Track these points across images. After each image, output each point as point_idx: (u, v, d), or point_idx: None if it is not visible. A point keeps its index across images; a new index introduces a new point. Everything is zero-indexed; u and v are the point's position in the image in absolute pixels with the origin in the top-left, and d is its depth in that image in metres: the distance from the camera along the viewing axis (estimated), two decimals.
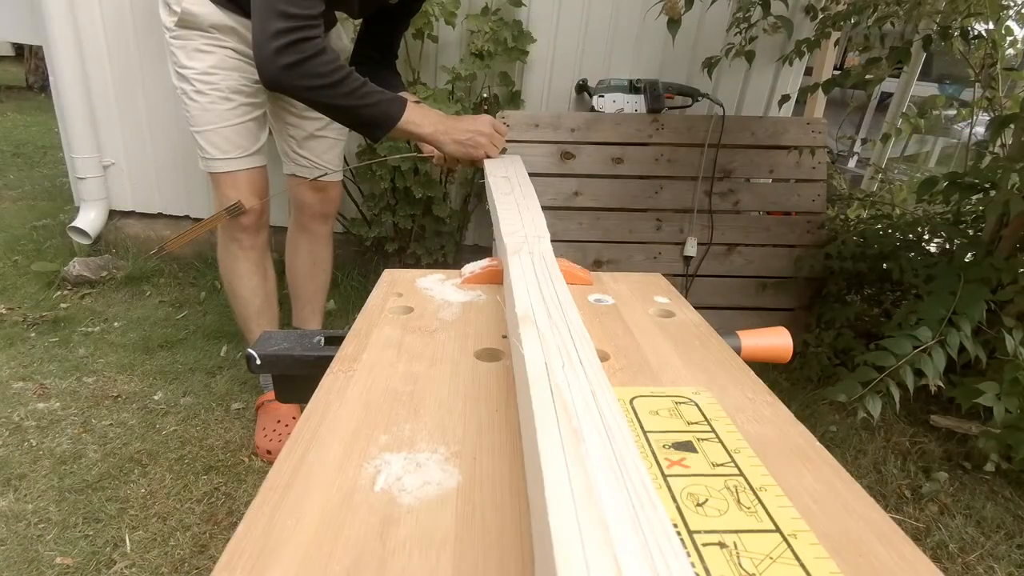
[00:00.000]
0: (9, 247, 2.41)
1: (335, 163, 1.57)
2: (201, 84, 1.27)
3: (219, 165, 1.34)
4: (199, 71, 1.27)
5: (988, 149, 1.73)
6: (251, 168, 1.37)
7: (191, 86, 1.28)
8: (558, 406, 0.33)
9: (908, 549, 0.32)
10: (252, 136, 1.36)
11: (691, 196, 2.02)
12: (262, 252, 1.47)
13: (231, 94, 1.29)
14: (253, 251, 1.44)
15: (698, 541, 0.31)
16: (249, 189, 1.36)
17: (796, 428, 0.42)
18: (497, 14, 2.03)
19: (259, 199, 1.39)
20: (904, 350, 1.34)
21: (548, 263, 0.57)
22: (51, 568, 1.12)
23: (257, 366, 0.63)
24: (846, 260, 1.88)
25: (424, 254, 2.26)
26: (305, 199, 1.57)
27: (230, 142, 1.32)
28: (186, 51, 1.26)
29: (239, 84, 1.30)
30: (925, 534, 1.34)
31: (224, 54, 1.26)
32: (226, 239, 1.43)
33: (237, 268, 1.45)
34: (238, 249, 1.42)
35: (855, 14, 1.74)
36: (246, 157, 1.35)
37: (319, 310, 1.71)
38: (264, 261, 1.49)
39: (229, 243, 1.43)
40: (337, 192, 1.63)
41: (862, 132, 3.75)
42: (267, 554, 0.30)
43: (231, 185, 1.35)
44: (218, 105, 1.29)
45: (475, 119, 1.16)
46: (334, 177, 1.59)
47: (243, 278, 1.46)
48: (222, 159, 1.33)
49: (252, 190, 1.37)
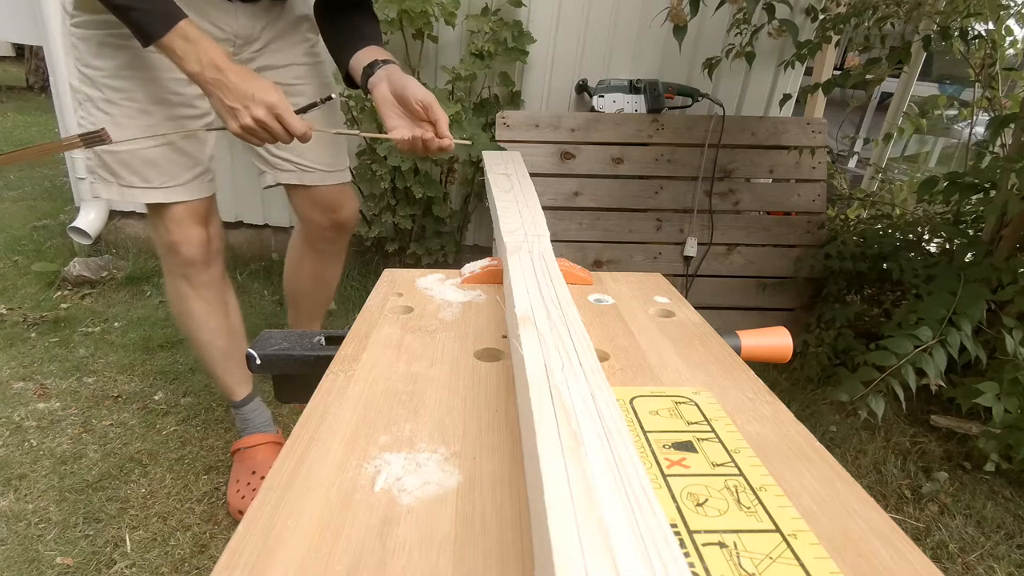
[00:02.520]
0: (9, 247, 2.41)
1: (331, 162, 1.26)
2: (111, 91, 0.98)
3: (145, 196, 1.06)
4: (107, 72, 0.97)
5: (988, 149, 1.73)
6: (187, 201, 1.09)
7: (99, 92, 0.98)
8: (557, 408, 0.33)
9: (908, 549, 0.32)
10: (187, 158, 1.07)
11: (691, 196, 2.02)
12: (219, 287, 1.21)
13: (151, 105, 1.00)
14: (207, 288, 1.18)
15: (698, 541, 0.31)
16: (193, 220, 1.10)
17: (796, 428, 0.42)
18: (497, 14, 2.03)
19: (204, 228, 1.13)
20: (905, 350, 1.34)
21: (548, 262, 0.57)
22: (51, 568, 1.12)
23: (257, 366, 0.63)
24: (846, 260, 1.88)
25: (424, 254, 2.26)
26: (312, 217, 1.29)
27: (155, 167, 1.04)
28: (89, 44, 0.97)
29: (164, 91, 1.01)
30: (925, 534, 1.34)
31: (141, 50, 0.93)
32: (172, 278, 1.17)
33: (191, 311, 1.19)
34: (188, 288, 1.17)
35: (855, 15, 1.74)
36: (180, 187, 1.07)
37: (317, 322, 1.54)
38: (223, 295, 1.23)
39: (176, 282, 1.17)
40: (352, 209, 1.32)
41: (862, 132, 3.75)
42: (267, 554, 0.30)
43: (171, 219, 1.08)
44: (134, 120, 0.99)
45: (262, 88, 0.87)
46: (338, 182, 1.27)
47: (200, 321, 1.20)
48: (145, 188, 1.05)
49: (196, 220, 1.11)
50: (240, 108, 0.87)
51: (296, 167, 1.23)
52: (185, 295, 1.18)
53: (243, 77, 0.87)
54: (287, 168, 1.24)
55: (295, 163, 1.23)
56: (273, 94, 0.87)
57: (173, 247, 1.11)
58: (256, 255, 2.49)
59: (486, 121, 2.10)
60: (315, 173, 1.25)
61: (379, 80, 1.01)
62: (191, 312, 1.20)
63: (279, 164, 1.23)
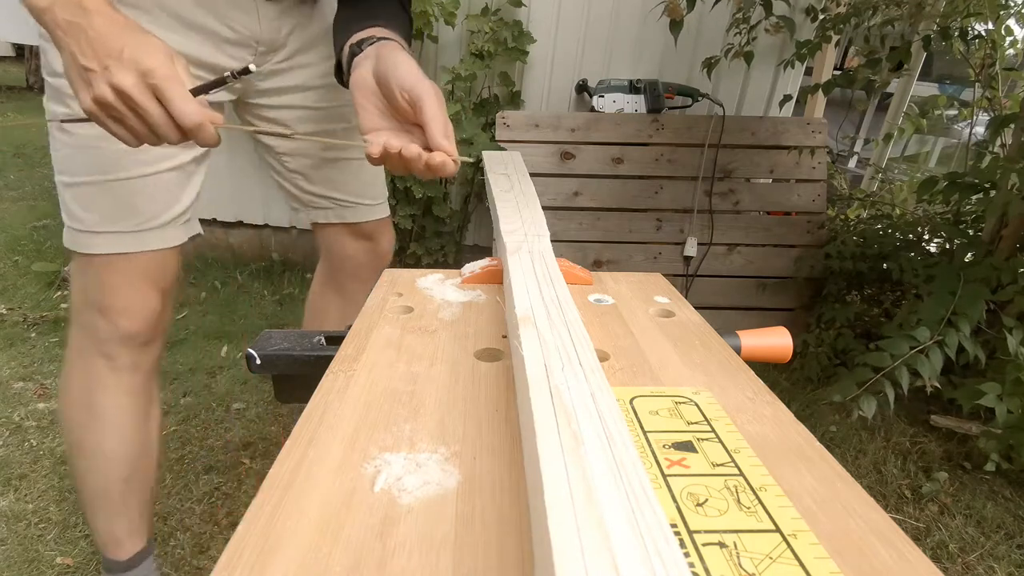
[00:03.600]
0: (9, 247, 2.41)
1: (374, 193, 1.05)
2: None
3: (89, 243, 0.77)
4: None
5: (988, 149, 1.73)
6: (145, 252, 0.79)
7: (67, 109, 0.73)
8: (557, 408, 0.33)
9: (908, 549, 0.32)
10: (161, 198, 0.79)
11: (691, 196, 2.02)
12: (147, 380, 0.87)
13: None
14: (134, 377, 0.84)
15: (698, 541, 0.31)
16: (148, 280, 0.81)
17: (796, 428, 0.42)
18: (497, 14, 2.03)
19: (159, 293, 0.82)
20: (901, 351, 1.34)
21: (548, 262, 0.57)
22: (51, 568, 1.12)
23: (257, 366, 0.63)
24: (846, 260, 1.88)
25: (424, 254, 2.26)
26: (345, 251, 1.07)
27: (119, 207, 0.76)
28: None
29: None
30: (925, 534, 1.34)
31: None
32: (84, 356, 0.83)
33: (99, 408, 0.84)
34: (107, 374, 0.83)
35: (855, 15, 1.75)
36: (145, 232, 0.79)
37: None
38: (150, 393, 0.89)
39: (90, 363, 0.82)
40: (391, 240, 1.12)
41: (862, 132, 3.75)
42: (267, 554, 0.30)
43: (117, 272, 0.78)
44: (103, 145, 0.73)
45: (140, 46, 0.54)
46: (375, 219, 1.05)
47: (108, 425, 0.85)
48: (90, 232, 0.77)
49: (153, 280, 0.81)
50: (97, 71, 0.53)
51: (334, 203, 1.01)
52: (97, 383, 0.83)
53: (116, 26, 0.55)
54: (322, 205, 1.01)
55: (332, 199, 1.00)
56: (156, 56, 0.54)
57: (107, 313, 0.79)
58: (256, 255, 2.49)
59: (486, 121, 2.10)
60: (356, 208, 1.03)
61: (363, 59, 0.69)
62: (97, 409, 0.84)
63: (312, 201, 1.01)
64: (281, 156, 0.97)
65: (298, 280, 2.34)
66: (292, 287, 2.30)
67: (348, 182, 1.00)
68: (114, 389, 0.84)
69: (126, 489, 0.89)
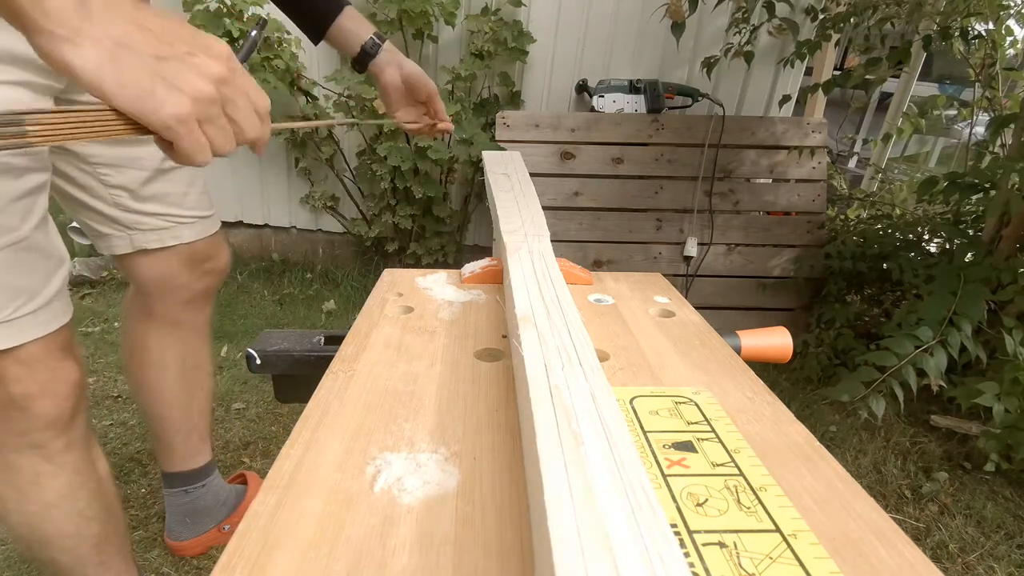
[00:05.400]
0: None
1: (208, 203, 0.94)
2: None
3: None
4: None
5: (988, 149, 1.73)
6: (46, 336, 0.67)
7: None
8: (557, 408, 0.33)
9: (908, 549, 0.32)
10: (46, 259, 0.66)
11: (691, 196, 2.02)
12: (84, 446, 0.77)
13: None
14: (71, 452, 0.74)
15: (698, 541, 0.31)
16: (56, 355, 0.70)
17: (796, 428, 0.42)
18: (497, 14, 2.03)
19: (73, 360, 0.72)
20: (905, 350, 1.34)
21: (548, 262, 0.57)
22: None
23: (257, 365, 0.63)
24: (846, 260, 1.88)
25: (424, 254, 2.26)
26: (177, 281, 0.92)
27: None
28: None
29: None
30: (925, 534, 1.34)
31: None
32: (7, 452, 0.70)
33: (47, 496, 0.74)
34: (42, 463, 0.72)
35: (855, 15, 1.75)
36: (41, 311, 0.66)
37: (206, 435, 1.08)
38: (90, 455, 0.79)
39: (18, 460, 0.71)
40: (228, 255, 1.00)
41: (862, 132, 3.75)
42: (267, 554, 0.30)
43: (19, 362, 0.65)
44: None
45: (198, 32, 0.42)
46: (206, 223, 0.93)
47: (62, 509, 0.76)
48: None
49: (61, 352, 0.71)
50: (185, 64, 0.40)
51: (171, 221, 0.85)
52: (34, 474, 0.72)
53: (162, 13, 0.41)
54: (155, 225, 0.84)
55: (169, 216, 0.85)
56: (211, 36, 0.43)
57: (19, 404, 0.67)
58: (256, 255, 2.49)
59: (486, 121, 2.10)
60: (194, 225, 0.90)
61: (386, 64, 0.88)
62: (48, 496, 0.74)
63: (139, 223, 0.83)
64: (97, 168, 0.78)
65: (298, 280, 2.34)
66: (292, 287, 2.30)
67: (187, 194, 0.87)
68: (55, 474, 0.74)
69: (98, 549, 0.82)
